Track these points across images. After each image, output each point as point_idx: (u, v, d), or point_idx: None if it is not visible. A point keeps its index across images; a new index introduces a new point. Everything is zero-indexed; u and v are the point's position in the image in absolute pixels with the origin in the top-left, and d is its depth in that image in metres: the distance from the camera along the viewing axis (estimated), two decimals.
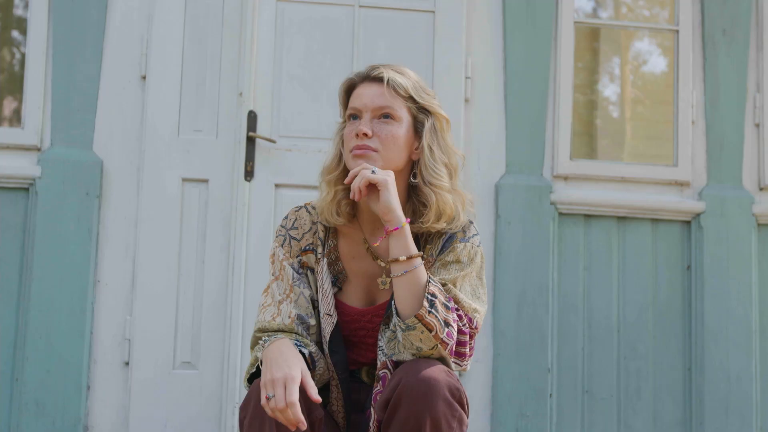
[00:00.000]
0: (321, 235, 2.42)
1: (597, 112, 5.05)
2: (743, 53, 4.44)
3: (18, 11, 4.55)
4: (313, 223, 2.42)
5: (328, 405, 2.41)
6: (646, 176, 4.37)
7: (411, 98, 2.34)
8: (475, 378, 4.10)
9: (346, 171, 2.34)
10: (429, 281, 2.23)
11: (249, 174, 4.00)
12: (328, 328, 2.35)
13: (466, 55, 4.26)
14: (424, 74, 4.17)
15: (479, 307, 2.32)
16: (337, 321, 2.36)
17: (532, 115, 4.30)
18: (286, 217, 2.45)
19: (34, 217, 3.94)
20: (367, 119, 2.31)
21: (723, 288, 4.29)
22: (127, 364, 3.95)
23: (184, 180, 4.04)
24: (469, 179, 4.20)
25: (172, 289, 3.98)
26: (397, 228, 2.22)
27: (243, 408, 2.22)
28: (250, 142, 4.01)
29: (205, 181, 4.05)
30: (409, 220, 2.26)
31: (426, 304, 2.19)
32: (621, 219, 4.33)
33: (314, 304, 2.39)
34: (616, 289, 4.29)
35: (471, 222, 2.40)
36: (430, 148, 2.33)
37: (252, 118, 4.01)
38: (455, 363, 2.28)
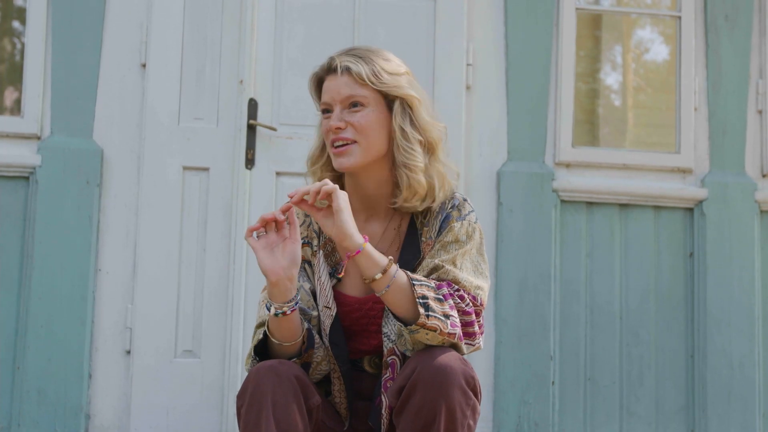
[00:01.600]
0: (315, 227, 2.41)
1: (599, 100, 5.04)
2: (746, 39, 4.42)
3: (18, 1, 4.54)
4: (306, 215, 2.41)
5: (330, 396, 2.41)
6: (649, 163, 4.36)
7: (372, 84, 2.31)
8: (477, 365, 4.09)
9: (330, 160, 2.36)
10: (412, 283, 2.20)
11: (250, 162, 3.99)
12: (327, 321, 2.34)
13: (468, 42, 4.24)
14: (425, 61, 4.16)
15: (482, 284, 2.31)
16: (339, 312, 2.35)
17: (533, 102, 4.29)
18: None
19: (35, 206, 3.94)
20: (338, 112, 2.31)
21: (725, 275, 4.28)
22: (128, 352, 3.95)
23: (185, 168, 4.03)
24: (470, 166, 4.20)
25: (173, 278, 3.98)
26: (359, 251, 2.18)
27: (240, 396, 2.21)
28: (251, 130, 4.00)
29: (206, 169, 4.04)
30: (367, 238, 2.21)
31: (421, 310, 2.17)
32: (623, 206, 4.32)
33: (315, 295, 2.39)
34: (619, 276, 4.28)
35: (465, 199, 2.39)
36: (402, 129, 2.31)
37: (252, 105, 4.00)
38: (467, 344, 2.26)
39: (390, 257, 2.22)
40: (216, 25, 4.09)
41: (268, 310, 2.23)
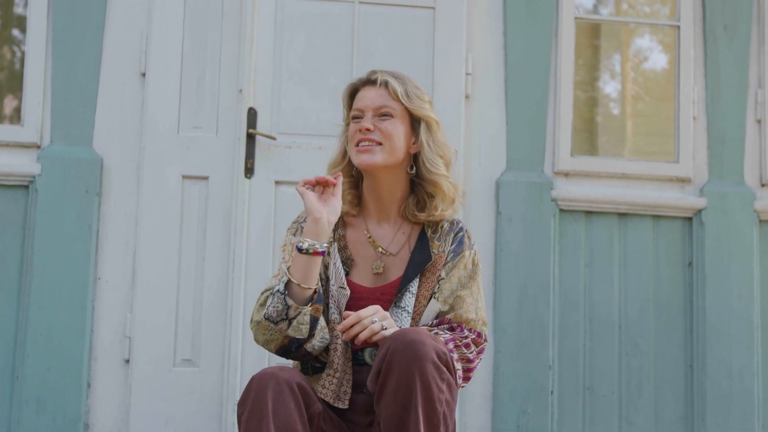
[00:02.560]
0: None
1: (598, 109, 5.05)
2: (744, 48, 4.43)
3: (18, 9, 4.55)
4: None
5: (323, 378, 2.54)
6: (647, 172, 4.37)
7: (403, 102, 2.62)
8: (476, 374, 4.08)
9: (350, 164, 2.67)
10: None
11: (249, 171, 3.99)
12: (342, 300, 2.54)
13: (467, 51, 4.25)
14: (425, 70, 4.16)
15: (485, 316, 2.61)
16: (349, 298, 2.55)
17: (532, 112, 4.29)
18: (298, 216, 2.72)
19: (34, 215, 3.94)
20: (369, 117, 2.61)
21: (724, 284, 4.28)
22: (127, 361, 3.95)
23: (184, 177, 4.04)
24: (469, 175, 4.20)
25: (173, 287, 3.98)
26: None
27: (241, 404, 2.24)
28: (250, 139, 4.00)
29: (205, 178, 4.05)
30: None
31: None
32: (622, 215, 4.32)
33: (321, 282, 2.56)
34: (618, 286, 4.28)
35: (468, 228, 2.70)
36: (428, 144, 2.64)
37: (252, 114, 4.00)
38: (465, 379, 2.52)
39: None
40: (216, 35, 4.10)
41: (299, 250, 2.44)
